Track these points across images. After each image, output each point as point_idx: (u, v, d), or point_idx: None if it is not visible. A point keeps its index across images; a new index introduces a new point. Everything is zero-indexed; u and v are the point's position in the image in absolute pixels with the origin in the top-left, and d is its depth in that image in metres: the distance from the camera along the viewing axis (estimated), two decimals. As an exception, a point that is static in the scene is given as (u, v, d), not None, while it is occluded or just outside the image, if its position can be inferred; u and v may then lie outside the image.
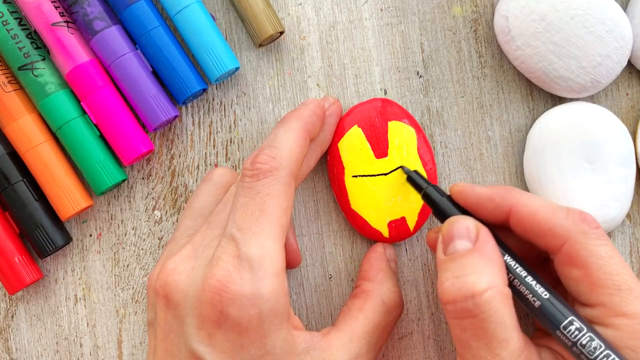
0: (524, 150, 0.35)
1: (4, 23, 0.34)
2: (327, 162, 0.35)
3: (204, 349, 0.27)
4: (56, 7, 0.34)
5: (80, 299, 0.36)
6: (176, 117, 0.35)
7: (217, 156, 0.36)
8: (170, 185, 0.36)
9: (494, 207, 0.29)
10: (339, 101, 0.35)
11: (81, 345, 0.36)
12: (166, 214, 0.36)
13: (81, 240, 0.36)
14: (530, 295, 0.27)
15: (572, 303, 0.28)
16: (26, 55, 0.34)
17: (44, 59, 0.34)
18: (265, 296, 0.26)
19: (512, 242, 0.30)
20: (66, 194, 0.34)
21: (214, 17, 0.36)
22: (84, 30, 0.34)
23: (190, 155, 0.36)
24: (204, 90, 0.36)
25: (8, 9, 0.34)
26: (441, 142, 0.36)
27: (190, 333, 0.27)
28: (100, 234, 0.36)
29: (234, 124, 0.36)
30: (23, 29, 0.34)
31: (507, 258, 0.28)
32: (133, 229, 0.36)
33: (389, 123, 0.34)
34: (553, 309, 0.26)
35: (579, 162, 0.34)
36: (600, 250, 0.26)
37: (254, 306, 0.26)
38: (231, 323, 0.26)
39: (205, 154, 0.36)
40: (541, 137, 0.34)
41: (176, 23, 0.34)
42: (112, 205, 0.36)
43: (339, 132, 0.34)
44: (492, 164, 0.36)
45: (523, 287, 0.27)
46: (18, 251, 0.34)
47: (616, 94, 0.36)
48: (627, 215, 0.36)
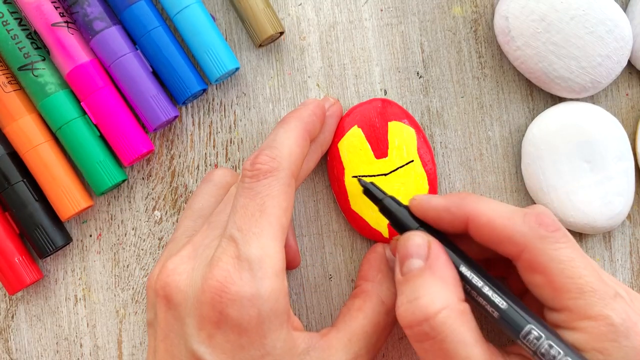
0: (521, 156, 0.35)
1: (4, 23, 0.34)
2: (327, 162, 0.35)
3: (204, 349, 0.27)
4: (56, 8, 0.34)
5: (80, 299, 0.36)
6: (176, 117, 0.35)
7: (217, 156, 0.36)
8: (170, 186, 0.36)
9: (452, 218, 0.28)
10: (339, 102, 0.35)
11: (81, 346, 0.36)
12: (166, 214, 0.36)
13: (81, 241, 0.36)
14: (489, 306, 0.27)
15: (541, 306, 0.27)
16: (26, 56, 0.34)
17: (44, 59, 0.34)
18: (265, 296, 0.26)
19: (477, 247, 0.29)
20: (66, 194, 0.34)
21: (214, 17, 0.36)
22: (84, 30, 0.34)
23: (190, 156, 0.36)
24: (204, 90, 0.36)
25: (8, 9, 0.34)
26: (441, 142, 0.36)
27: (190, 334, 0.27)
28: (100, 234, 0.36)
29: (234, 124, 0.36)
30: (23, 29, 0.34)
31: (463, 269, 0.27)
32: (133, 229, 0.36)
33: (389, 123, 0.34)
34: (511, 318, 0.26)
35: (576, 163, 0.34)
36: (560, 254, 0.26)
37: (254, 307, 0.26)
38: (231, 324, 0.26)
39: (205, 154, 0.36)
40: (536, 144, 0.34)
41: (176, 23, 0.34)
42: (112, 205, 0.36)
43: (339, 133, 0.34)
44: (492, 164, 0.36)
45: (481, 298, 0.27)
46: (18, 251, 0.34)
47: (616, 94, 0.36)
48: (627, 215, 0.36)
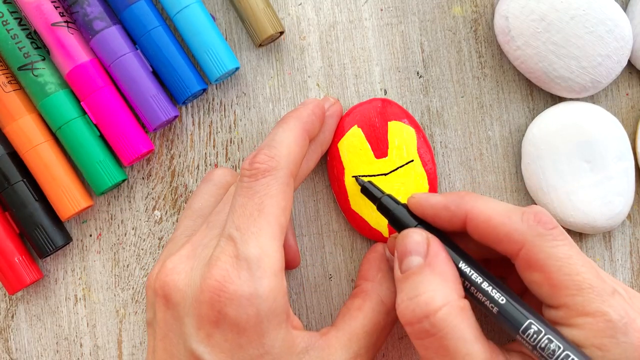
0: (521, 156, 0.35)
1: (4, 23, 0.34)
2: (327, 162, 0.35)
3: (203, 348, 0.27)
4: (56, 7, 0.34)
5: (80, 299, 0.36)
6: (176, 117, 0.35)
7: (217, 156, 0.36)
8: (170, 185, 0.36)
9: (451, 216, 0.28)
10: (339, 101, 0.35)
11: (81, 346, 0.36)
12: (166, 214, 0.36)
13: (81, 240, 0.36)
14: (488, 302, 0.27)
15: (540, 304, 0.27)
16: (26, 55, 0.34)
17: (44, 59, 0.34)
18: (263, 296, 0.26)
19: (476, 246, 0.29)
20: (66, 194, 0.34)
21: (214, 17, 0.36)
22: (84, 30, 0.34)
23: (190, 155, 0.36)
24: (204, 90, 0.36)
25: (8, 9, 0.34)
26: (441, 142, 0.36)
27: (189, 333, 0.27)
28: (100, 234, 0.36)
29: (234, 124, 0.36)
30: (23, 29, 0.34)
31: (462, 265, 0.27)
32: (133, 229, 0.36)
33: (389, 123, 0.34)
34: (510, 314, 0.26)
35: (576, 163, 0.34)
36: (558, 252, 0.26)
37: (252, 306, 0.26)
38: (230, 323, 0.26)
39: (205, 154, 0.36)
40: (536, 144, 0.34)
41: (176, 23, 0.34)
42: (112, 205, 0.36)
43: (338, 132, 0.34)
44: (492, 164, 0.36)
45: (480, 294, 0.27)
46: (18, 251, 0.34)
47: (616, 94, 0.36)
48: (627, 215, 0.36)
